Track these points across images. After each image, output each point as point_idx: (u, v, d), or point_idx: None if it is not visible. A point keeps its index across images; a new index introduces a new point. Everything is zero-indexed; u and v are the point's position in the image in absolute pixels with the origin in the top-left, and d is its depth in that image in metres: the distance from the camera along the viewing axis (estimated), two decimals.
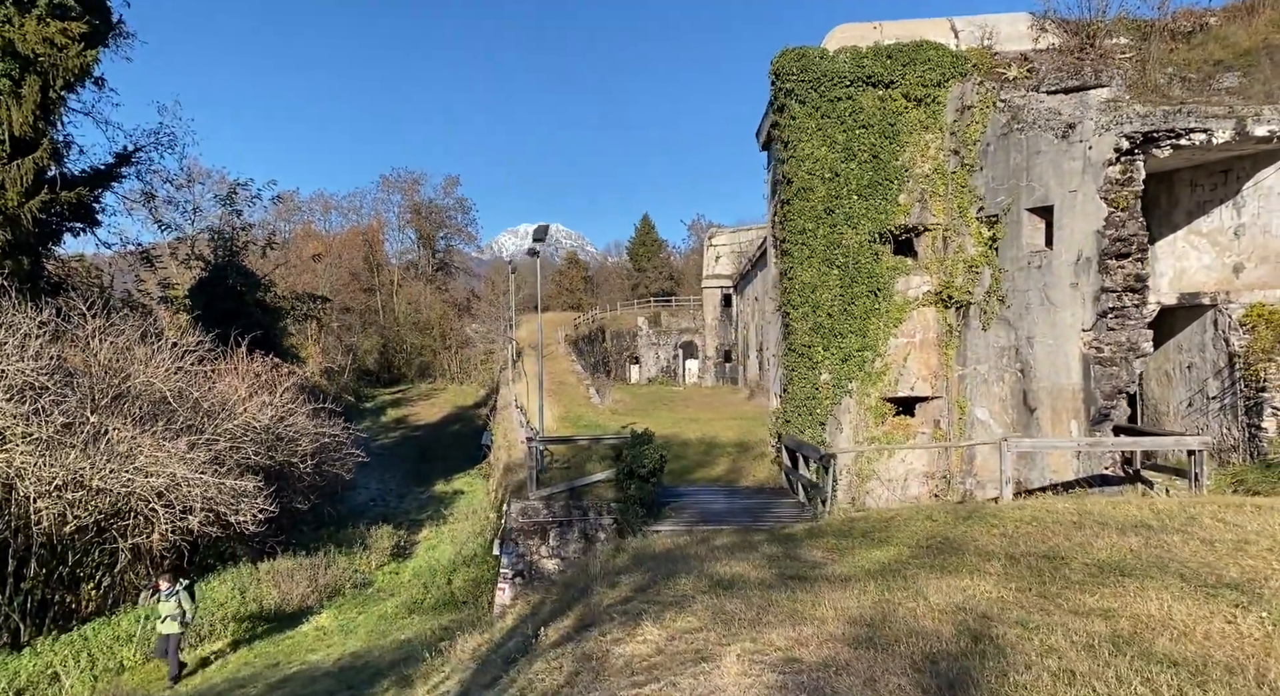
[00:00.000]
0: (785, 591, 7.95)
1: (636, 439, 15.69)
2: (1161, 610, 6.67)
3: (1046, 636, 6.23)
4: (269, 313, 41.26)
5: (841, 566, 9.46)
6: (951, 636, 6.31)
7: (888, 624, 6.72)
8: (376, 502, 41.46)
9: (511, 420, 40.53)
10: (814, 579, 8.66)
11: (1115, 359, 16.15)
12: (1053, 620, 6.62)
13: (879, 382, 19.52)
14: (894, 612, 7.07)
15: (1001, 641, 6.16)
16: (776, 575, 8.91)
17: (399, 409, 71.67)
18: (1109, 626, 6.40)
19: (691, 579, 8.73)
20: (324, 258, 73.89)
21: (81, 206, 28.08)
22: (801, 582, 8.43)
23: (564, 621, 8.42)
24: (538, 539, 19.96)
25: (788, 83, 19.65)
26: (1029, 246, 17.61)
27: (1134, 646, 5.87)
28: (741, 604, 7.48)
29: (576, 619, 8.20)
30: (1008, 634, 6.32)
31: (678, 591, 8.28)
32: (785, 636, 6.42)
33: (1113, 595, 7.21)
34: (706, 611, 7.35)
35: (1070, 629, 6.34)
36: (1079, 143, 16.55)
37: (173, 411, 20.63)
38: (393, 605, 22.35)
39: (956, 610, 7.06)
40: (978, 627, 6.51)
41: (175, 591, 16.50)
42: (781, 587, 8.17)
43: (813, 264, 19.56)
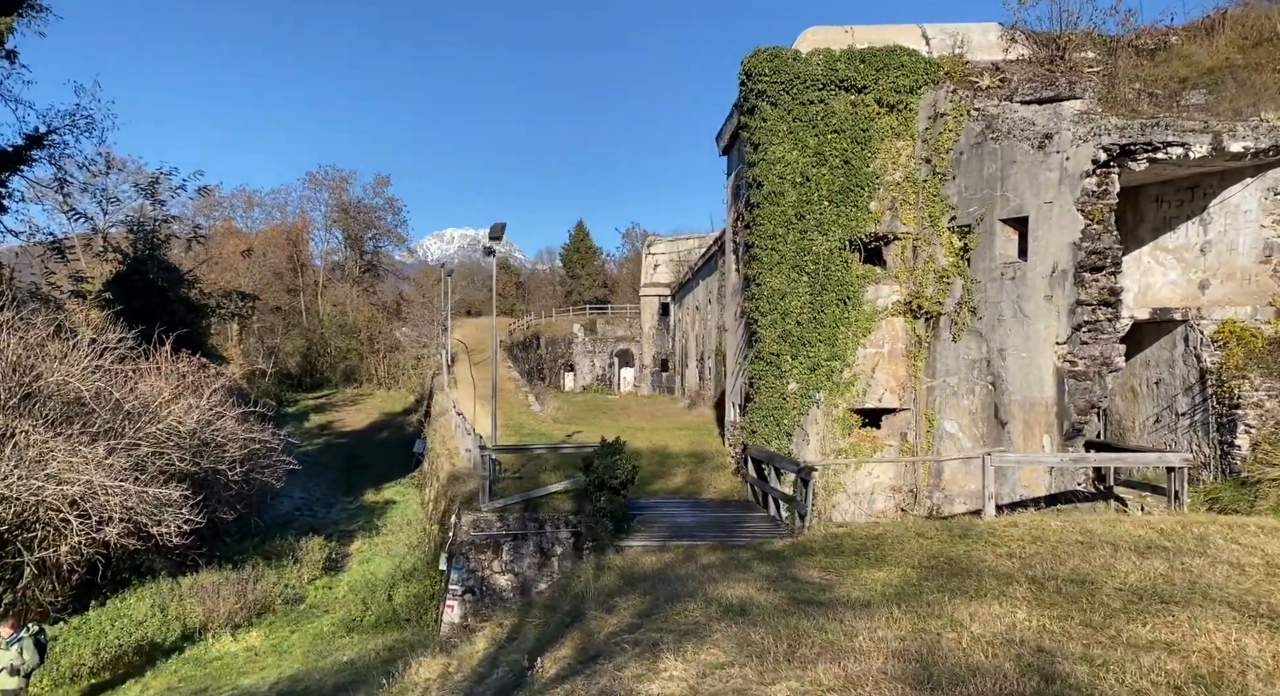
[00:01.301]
0: (807, 619, 7.21)
1: (607, 448, 14.85)
2: (1230, 644, 6.14)
3: (1120, 674, 5.63)
4: (193, 310, 39.03)
5: (850, 589, 8.78)
6: (1015, 674, 5.66)
7: (937, 658, 6.04)
8: (303, 512, 39.50)
9: (451, 427, 39.10)
10: (829, 603, 7.96)
11: (1089, 373, 15.96)
12: (1117, 655, 6.02)
13: (847, 393, 19.07)
14: (938, 645, 6.40)
15: (1074, 680, 5.53)
16: (787, 599, 8.18)
17: (324, 414, 69.06)
18: (1182, 663, 5.83)
19: (698, 603, 7.93)
20: (246, 256, 70.83)
21: None
22: (818, 608, 7.71)
23: (559, 650, 7.53)
24: (490, 553, 18.89)
25: (759, 83, 19.13)
26: (1002, 257, 17.38)
27: (1226, 688, 5.30)
28: (767, 633, 6.71)
29: (576, 648, 7.32)
30: (1077, 672, 5.69)
31: (688, 618, 7.47)
32: (832, 674, 5.68)
33: (1165, 626, 6.67)
34: (730, 642, 6.57)
35: (1143, 666, 5.75)
36: (1056, 153, 16.37)
37: (90, 413, 18.92)
38: (329, 623, 20.96)
39: (1006, 642, 6.42)
40: (1040, 664, 5.88)
41: (18, 638, 13.74)
42: (799, 614, 7.44)
43: (782, 270, 19.03)
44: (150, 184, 41.78)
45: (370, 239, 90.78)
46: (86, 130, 32.88)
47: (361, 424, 68.55)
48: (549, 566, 18.97)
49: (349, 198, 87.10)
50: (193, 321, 37.28)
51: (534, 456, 23.74)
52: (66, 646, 17.03)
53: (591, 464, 14.50)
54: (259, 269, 73.47)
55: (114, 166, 40.08)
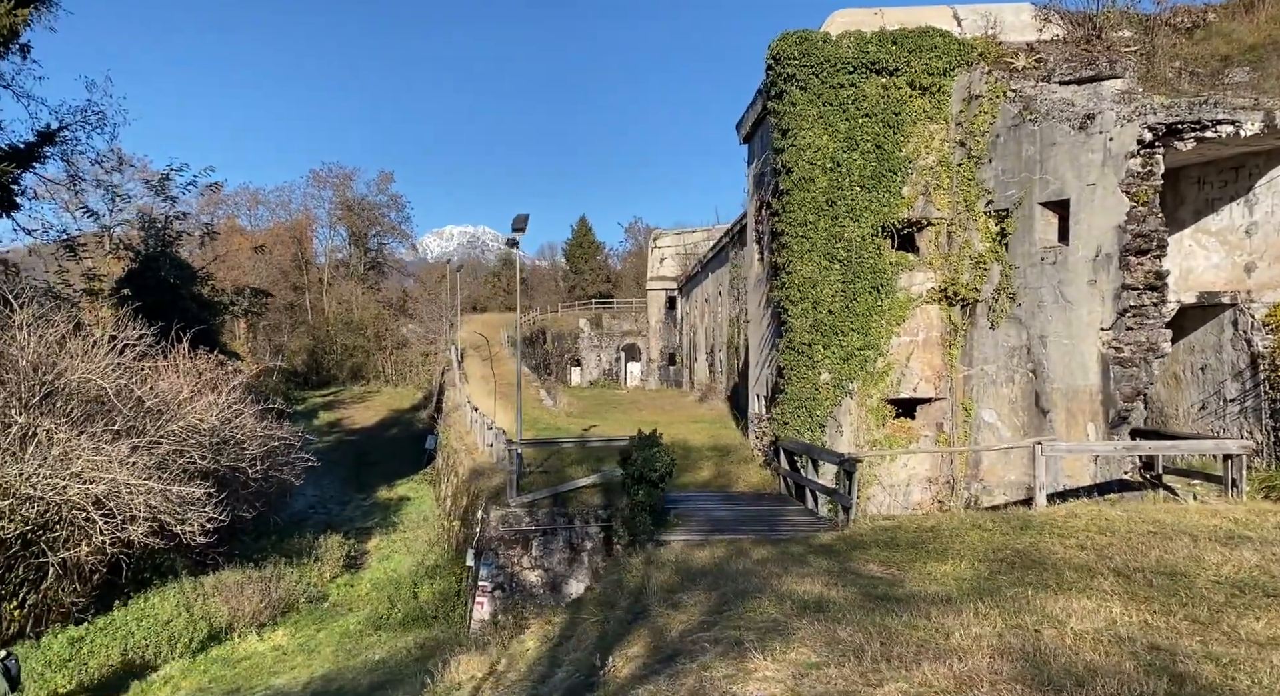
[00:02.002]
0: (891, 616, 6.86)
1: (645, 441, 14.49)
2: None
3: (1252, 674, 5.26)
4: (206, 307, 38.71)
5: (921, 583, 8.43)
6: (1139, 673, 5.29)
7: (1046, 657, 5.68)
8: (316, 510, 39.29)
9: (466, 423, 38.80)
10: (906, 599, 7.60)
11: (1135, 359, 15.56)
12: (1241, 653, 5.66)
13: (880, 383, 18.68)
14: (1040, 642, 6.04)
15: (1204, 680, 5.17)
16: (860, 595, 7.82)
17: (332, 412, 68.82)
18: None
19: (769, 599, 7.58)
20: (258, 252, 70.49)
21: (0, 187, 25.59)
22: (897, 604, 7.36)
23: (628, 648, 7.19)
24: (519, 548, 18.58)
25: (788, 67, 18.70)
26: (1042, 242, 16.96)
27: None
28: (855, 631, 6.36)
29: (648, 646, 6.98)
30: (1204, 671, 5.33)
31: (763, 615, 7.12)
32: (940, 674, 5.33)
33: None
34: (818, 641, 6.22)
35: (1275, 666, 5.38)
36: (1098, 134, 15.94)
37: (112, 411, 18.64)
38: (355, 621, 20.69)
39: (1113, 640, 6.05)
40: (1161, 663, 5.51)
41: None
42: (880, 610, 7.09)
43: (813, 258, 18.63)
44: (160, 181, 41.47)
45: (374, 236, 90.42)
46: (98, 126, 32.60)
47: (370, 421, 68.38)
48: (579, 562, 18.65)
49: (353, 195, 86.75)
50: (206, 319, 36.99)
51: (555, 451, 23.43)
52: (95, 647, 16.76)
53: (629, 457, 14.15)
54: (265, 267, 73.13)
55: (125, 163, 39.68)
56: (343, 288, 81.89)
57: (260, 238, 75.83)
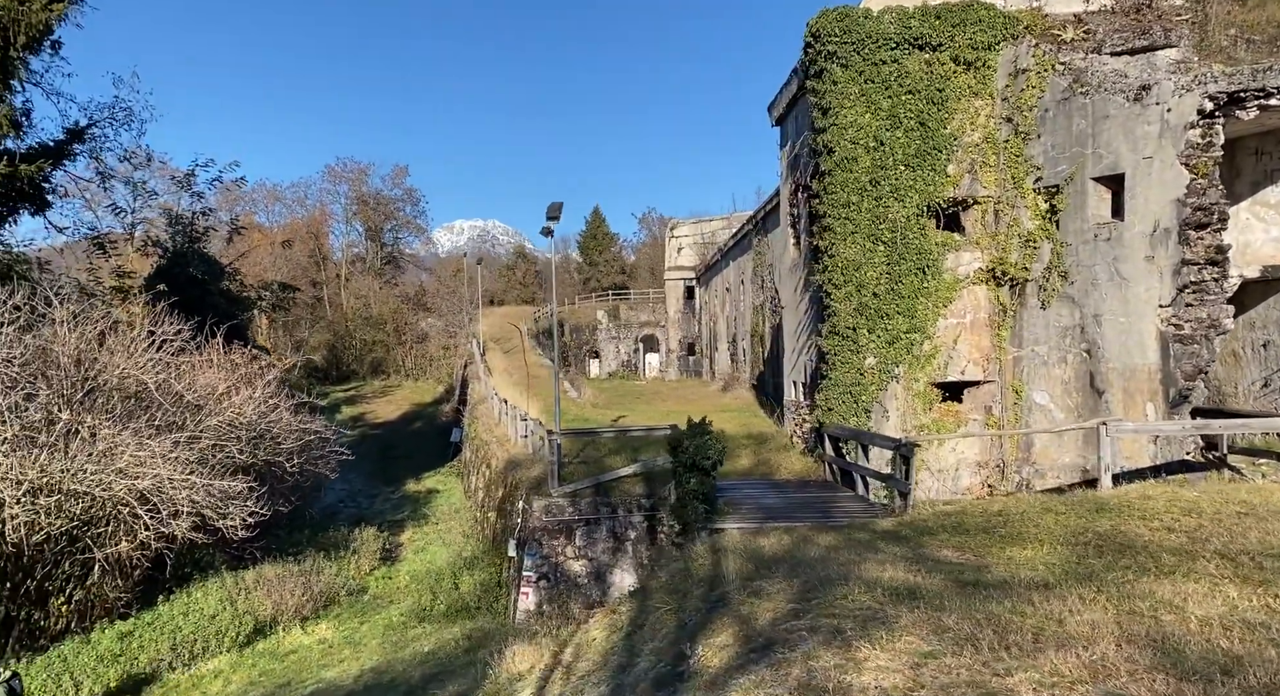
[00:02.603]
0: (992, 602, 6.57)
1: (696, 428, 14.23)
2: None
3: None
4: (235, 303, 38.81)
5: (1007, 569, 8.12)
6: None
7: (1177, 644, 5.38)
8: (346, 503, 39.40)
9: (495, 414, 38.71)
10: (999, 585, 7.30)
11: (1196, 336, 15.13)
12: None
13: (927, 366, 18.32)
14: (1165, 629, 5.73)
15: None
16: (949, 581, 7.53)
17: (354, 406, 69.04)
18: None
19: (855, 587, 7.31)
20: (271, 249, 70.61)
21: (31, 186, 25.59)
22: (993, 590, 7.07)
23: (714, 637, 6.94)
24: (562, 538, 18.41)
25: (828, 45, 18.30)
26: (1095, 218, 16.52)
27: None
28: (960, 619, 6.08)
29: (737, 636, 6.73)
30: None
31: (855, 603, 6.85)
32: (1071, 664, 5.04)
33: None
34: (924, 629, 5.94)
35: None
36: (1155, 105, 15.47)
37: (154, 406, 18.59)
38: (398, 613, 20.60)
39: (1244, 625, 5.74)
40: None
41: None
42: (978, 597, 6.80)
43: (856, 240, 18.26)
44: (187, 177, 41.51)
45: (390, 231, 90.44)
46: (125, 123, 32.60)
47: (393, 415, 68.59)
48: (623, 551, 18.46)
49: (368, 189, 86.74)
50: (235, 314, 37.05)
51: (590, 441, 23.24)
52: (144, 642, 16.74)
53: (680, 445, 13.90)
54: (283, 263, 73.26)
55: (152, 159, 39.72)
56: (360, 283, 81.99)
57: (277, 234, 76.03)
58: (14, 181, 21.54)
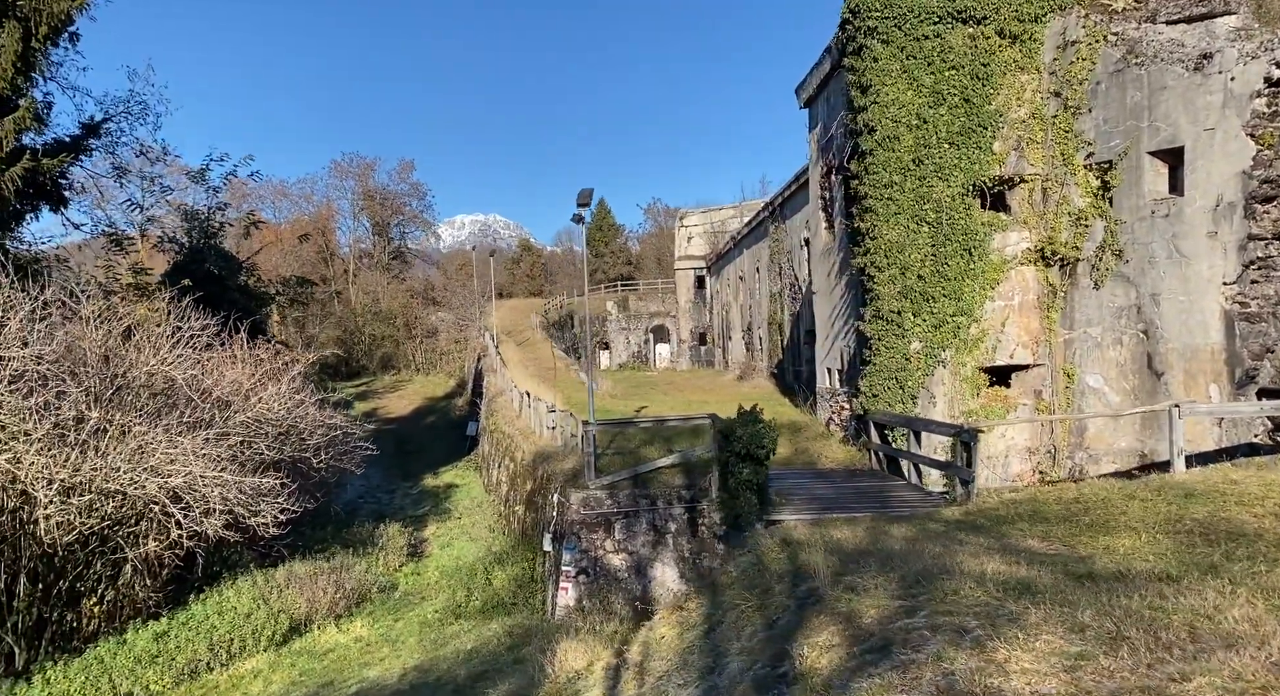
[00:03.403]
0: (1120, 597, 6.09)
1: (748, 417, 13.76)
2: None
3: None
4: (253, 298, 38.47)
5: (1113, 560, 7.64)
6: None
7: None
8: (366, 499, 39.15)
9: (515, 407, 38.36)
10: (1116, 577, 6.82)
11: (1263, 314, 14.56)
12: None
13: (975, 351, 17.79)
14: None
15: None
16: (1061, 574, 7.05)
17: (367, 402, 68.88)
18: None
19: (962, 582, 6.84)
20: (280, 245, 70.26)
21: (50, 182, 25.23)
22: (1111, 583, 6.59)
23: (815, 637, 6.49)
24: (601, 532, 17.95)
25: (868, 20, 17.73)
26: (1151, 194, 15.95)
27: None
28: (1097, 615, 5.61)
29: (844, 635, 6.27)
30: None
31: (969, 598, 6.38)
32: (1252, 667, 4.56)
33: None
34: (1060, 627, 5.47)
35: None
36: (1217, 74, 14.88)
37: (186, 403, 18.22)
38: (432, 610, 20.24)
39: None
40: None
41: None
42: (1101, 591, 6.32)
43: (900, 221, 17.72)
44: (200, 172, 41.16)
45: (397, 226, 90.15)
46: (140, 117, 32.29)
47: (405, 410, 68.44)
48: (664, 544, 18.00)
49: (374, 184, 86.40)
50: (253, 310, 36.73)
51: (618, 432, 22.79)
52: (180, 642, 16.41)
53: (733, 433, 13.43)
54: (292, 259, 72.95)
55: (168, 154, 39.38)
56: (368, 278, 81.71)
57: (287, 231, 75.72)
58: (36, 177, 21.15)
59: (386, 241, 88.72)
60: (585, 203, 19.43)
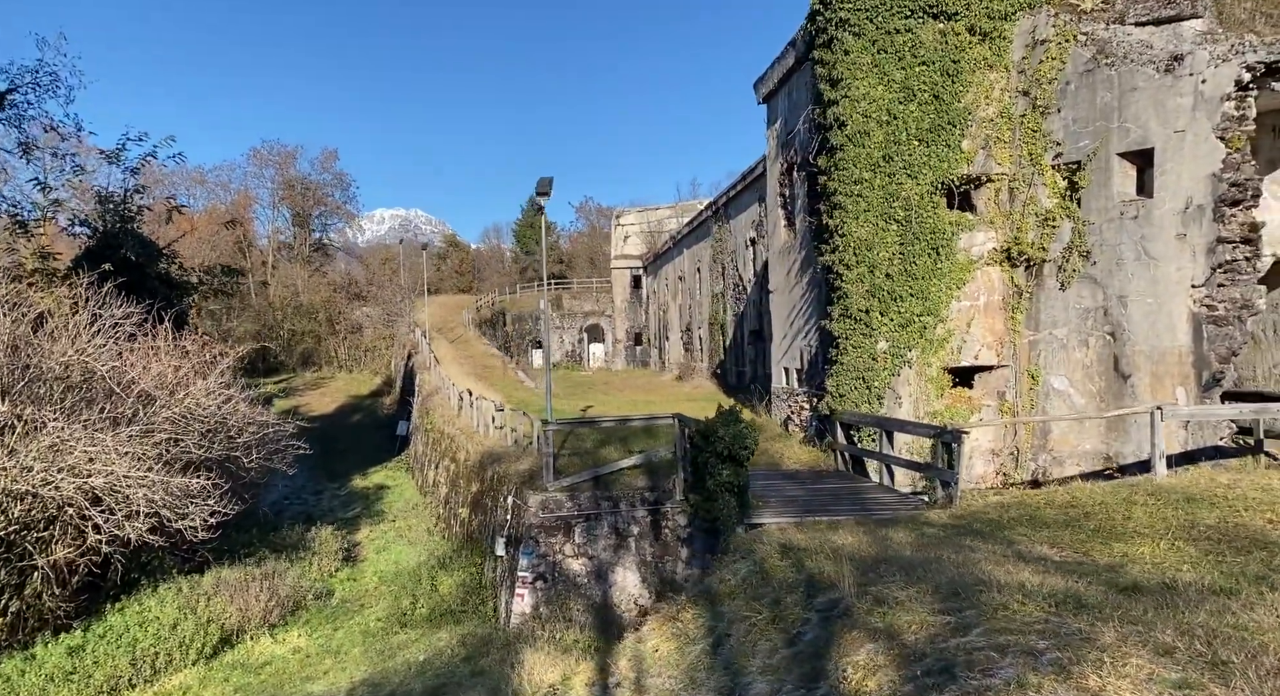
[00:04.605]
0: (1188, 612, 5.66)
1: (728, 416, 13.16)
2: None
3: None
4: (174, 288, 36.27)
5: (1145, 569, 7.25)
6: None
7: None
8: (291, 501, 37.38)
9: (452, 405, 37.17)
10: (1164, 589, 6.40)
11: (1229, 318, 14.64)
12: None
13: (940, 351, 17.58)
14: None
15: None
16: (1101, 585, 6.61)
17: (288, 399, 66.35)
18: None
19: (1008, 596, 6.32)
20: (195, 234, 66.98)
21: None
22: (1165, 596, 6.18)
23: (853, 656, 5.90)
24: (561, 536, 17.15)
25: (839, 11, 17.36)
26: (1120, 195, 15.93)
27: None
28: (1175, 635, 5.13)
29: (889, 655, 5.69)
30: None
31: (1021, 614, 5.86)
32: None
33: None
34: (1142, 648, 4.98)
35: None
36: (1188, 76, 14.91)
37: (108, 396, 16.75)
38: (375, 618, 19.12)
39: None
40: None
41: None
42: (1159, 604, 5.89)
43: (869, 218, 17.39)
44: (116, 152, 38.64)
45: (318, 216, 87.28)
46: (51, 88, 30.03)
47: (329, 408, 66.24)
48: (625, 548, 17.30)
49: (295, 173, 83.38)
50: (176, 299, 34.62)
51: (571, 432, 22.03)
52: (98, 656, 15.02)
53: (713, 433, 12.81)
54: (207, 249, 69.58)
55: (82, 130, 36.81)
56: (288, 270, 78.68)
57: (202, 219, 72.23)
58: None
59: (308, 233, 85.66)
60: (545, 192, 18.61)
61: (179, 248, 62.61)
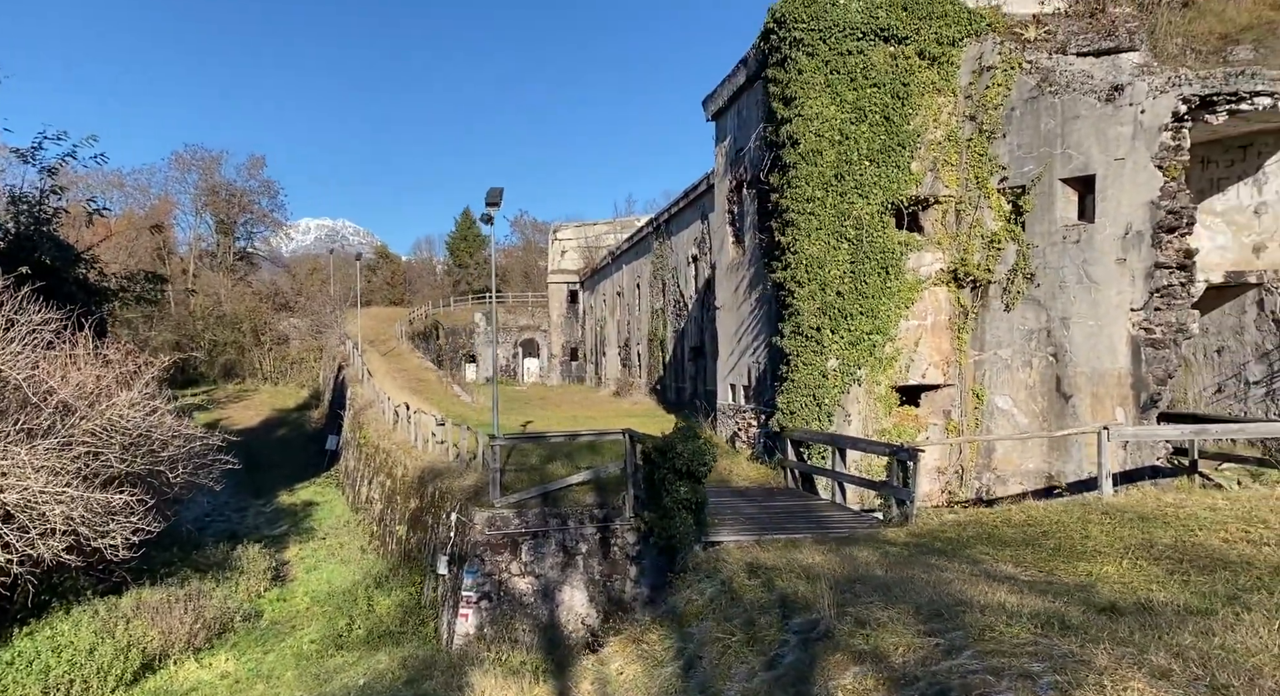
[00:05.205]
0: (1171, 633, 5.65)
1: (686, 432, 12.98)
2: None
3: None
4: (93, 294, 34.59)
5: (1118, 589, 7.29)
6: None
7: None
8: (214, 518, 35.88)
9: (387, 420, 36.27)
10: (1140, 610, 6.43)
11: (1166, 341, 15.10)
12: None
13: (889, 369, 17.74)
14: None
15: None
16: (1082, 606, 6.59)
17: (209, 412, 64.04)
18: None
19: (991, 616, 6.24)
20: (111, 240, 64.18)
21: None
22: (1143, 617, 6.19)
23: (840, 678, 5.75)
24: (507, 554, 16.70)
25: (794, 31, 17.49)
26: (1063, 220, 16.35)
27: None
28: (1170, 658, 5.10)
29: (875, 678, 5.56)
30: None
31: (1007, 636, 5.78)
32: None
33: None
34: (1137, 671, 4.93)
35: None
36: (1128, 106, 15.40)
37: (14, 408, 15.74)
38: (308, 640, 18.34)
39: None
40: None
41: None
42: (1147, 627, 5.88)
43: (821, 236, 17.49)
44: (32, 150, 36.78)
45: (244, 224, 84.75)
46: None
47: (253, 421, 64.18)
48: (573, 566, 16.93)
49: (220, 179, 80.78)
50: (95, 306, 33.00)
51: (514, 447, 21.60)
52: (6, 684, 14.02)
53: (671, 449, 12.60)
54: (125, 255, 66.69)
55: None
56: (210, 279, 76.03)
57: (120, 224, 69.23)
58: None
59: (232, 241, 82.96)
60: (495, 202, 18.26)
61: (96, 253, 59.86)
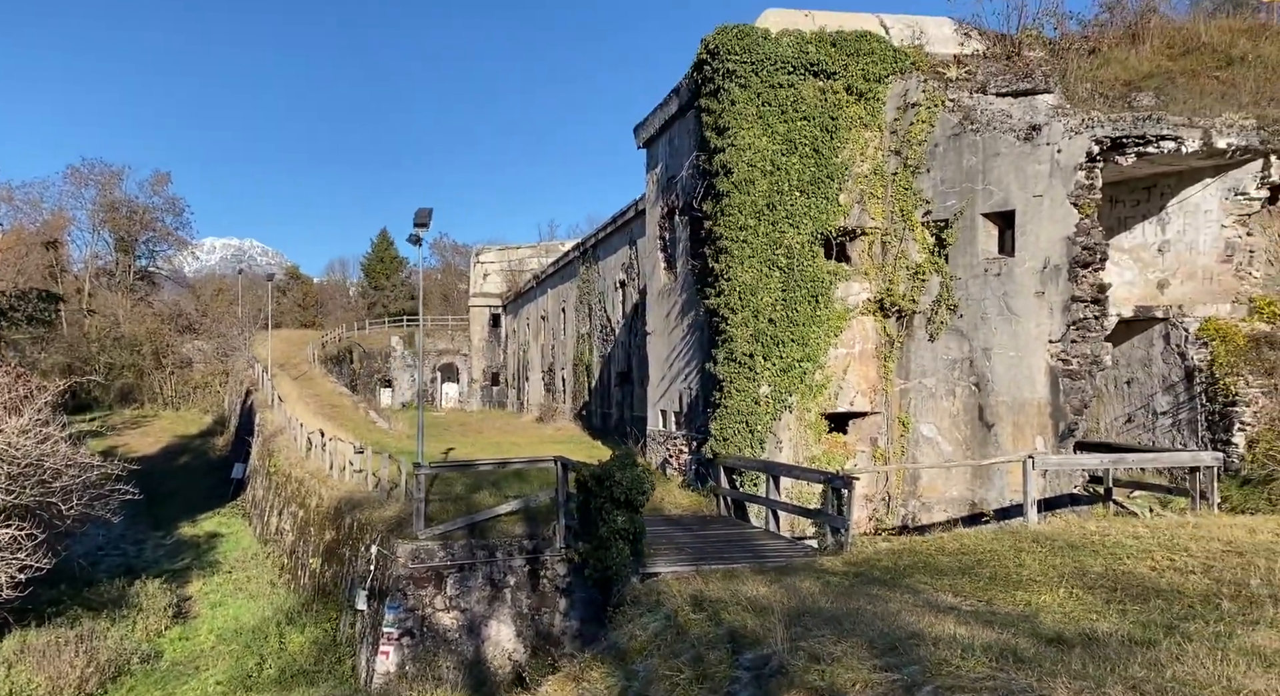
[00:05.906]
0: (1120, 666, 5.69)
1: (624, 459, 12.73)
2: None
3: None
4: None
5: (1053, 619, 7.36)
6: None
7: None
8: (108, 551, 33.85)
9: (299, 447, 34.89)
10: (1086, 642, 6.47)
11: (1081, 372, 15.65)
12: None
13: (819, 396, 17.90)
14: None
15: None
16: (1031, 638, 6.61)
17: (103, 439, 60.66)
18: None
19: (944, 650, 6.19)
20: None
21: None
22: (1092, 648, 6.23)
23: None
24: (431, 587, 16.10)
25: (727, 63, 17.68)
26: (984, 253, 16.85)
27: None
28: (1129, 690, 5.11)
29: None
30: None
31: (965, 669, 5.72)
32: None
33: None
34: None
35: None
36: (1045, 145, 16.03)
37: None
38: (214, 682, 17.34)
39: None
40: None
41: None
42: (1090, 657, 5.91)
43: (753, 264, 17.61)
44: None
45: (145, 242, 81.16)
46: None
47: (151, 448, 61.04)
48: (501, 600, 16.43)
49: (120, 195, 77.19)
50: None
51: (436, 476, 20.98)
52: None
53: (609, 477, 12.34)
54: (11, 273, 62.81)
55: None
56: (107, 299, 72.23)
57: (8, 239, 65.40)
58: None
59: (132, 259, 79.20)
60: (424, 223, 17.84)
61: None
